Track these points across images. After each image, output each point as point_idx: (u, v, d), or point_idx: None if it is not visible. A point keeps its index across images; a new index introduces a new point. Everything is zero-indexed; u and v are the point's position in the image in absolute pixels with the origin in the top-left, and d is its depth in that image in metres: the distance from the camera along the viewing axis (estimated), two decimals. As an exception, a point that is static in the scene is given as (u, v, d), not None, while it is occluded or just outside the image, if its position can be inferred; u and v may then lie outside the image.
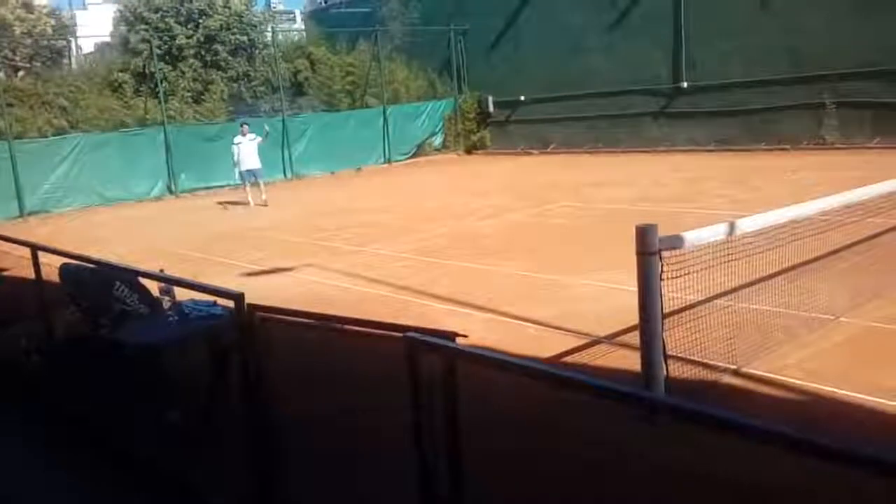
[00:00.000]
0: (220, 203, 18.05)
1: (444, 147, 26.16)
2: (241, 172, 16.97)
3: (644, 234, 4.58)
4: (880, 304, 6.37)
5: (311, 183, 21.74)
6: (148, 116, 21.49)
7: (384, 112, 24.42)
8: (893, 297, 6.53)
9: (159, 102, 21.10)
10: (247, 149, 16.84)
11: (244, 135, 16.99)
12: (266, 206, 16.58)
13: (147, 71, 22.08)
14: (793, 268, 6.65)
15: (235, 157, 16.95)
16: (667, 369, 4.78)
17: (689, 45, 20.36)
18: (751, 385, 5.12)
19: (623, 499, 3.80)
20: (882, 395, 4.73)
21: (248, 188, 17.04)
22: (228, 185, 19.61)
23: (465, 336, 3.07)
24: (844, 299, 6.34)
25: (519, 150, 24.61)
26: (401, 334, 2.83)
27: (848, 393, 4.84)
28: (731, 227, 5.25)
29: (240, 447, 3.73)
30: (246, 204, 16.98)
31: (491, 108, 25.85)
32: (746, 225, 5.38)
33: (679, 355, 5.06)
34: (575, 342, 6.22)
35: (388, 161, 24.33)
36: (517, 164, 22.38)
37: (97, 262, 5.48)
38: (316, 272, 9.83)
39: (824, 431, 4.27)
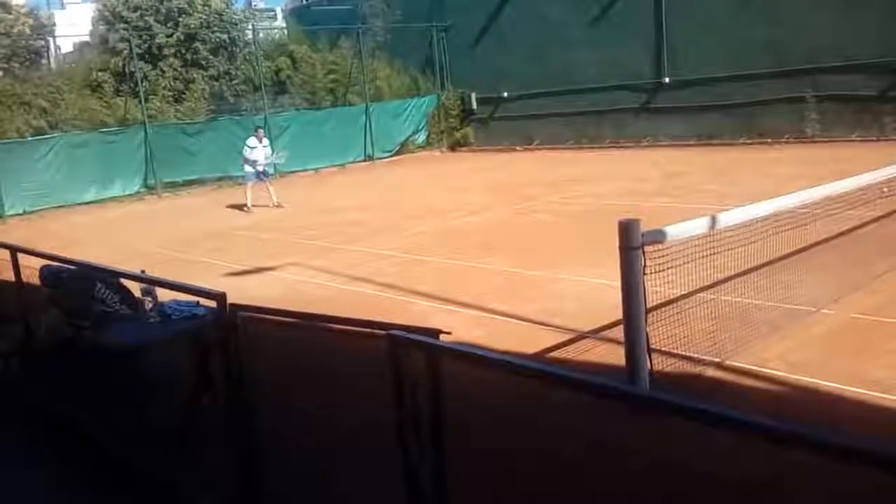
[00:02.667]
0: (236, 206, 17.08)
1: (427, 144, 26.12)
2: (255, 172, 16.29)
3: (627, 230, 4.60)
4: (861, 296, 6.43)
5: (294, 181, 21.62)
6: (128, 116, 21.34)
7: (367, 110, 24.34)
8: (873, 289, 6.60)
9: (140, 102, 20.94)
10: (261, 154, 16.31)
11: (260, 140, 16.50)
12: (280, 207, 15.95)
13: (127, 70, 21.92)
14: (775, 261, 6.69)
15: (249, 158, 16.27)
16: (651, 363, 4.80)
17: (671, 39, 20.44)
18: (734, 378, 5.15)
19: (605, 495, 3.81)
20: (864, 385, 4.78)
21: (249, 189, 16.30)
22: (211, 182, 19.35)
23: (448, 333, 3.07)
24: (826, 291, 6.39)
25: (502, 147, 24.61)
26: (384, 332, 2.83)
27: (830, 384, 4.88)
28: (714, 220, 5.28)
29: (223, 446, 3.71)
30: (246, 206, 16.17)
31: (474, 105, 25.84)
32: (728, 218, 5.42)
33: (663, 349, 5.09)
34: (559, 338, 6.23)
35: (371, 159, 24.27)
36: (501, 160, 22.40)
37: (78, 264, 5.42)
38: (299, 271, 9.79)
39: (806, 423, 4.30)
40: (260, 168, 16.34)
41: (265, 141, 16.75)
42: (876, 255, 7.20)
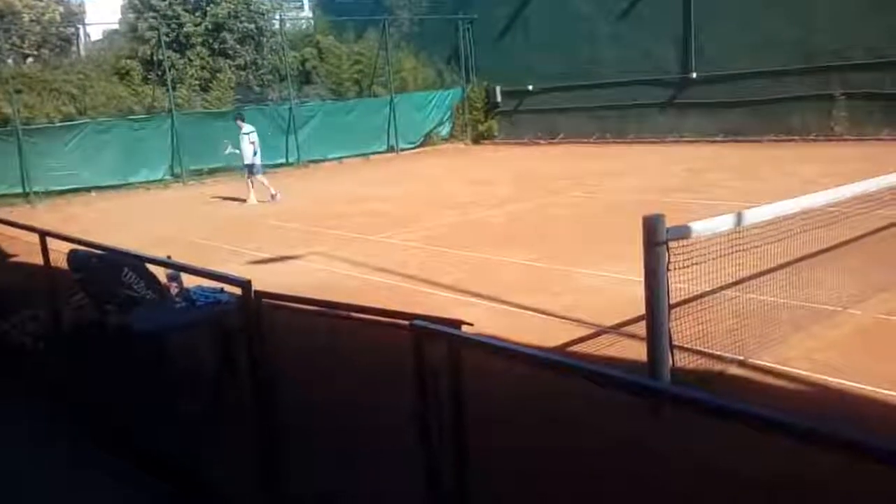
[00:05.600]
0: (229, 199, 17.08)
1: (451, 137, 26.10)
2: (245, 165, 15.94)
3: (652, 225, 4.57)
4: (887, 297, 6.35)
5: (318, 171, 21.75)
6: (156, 104, 21.53)
7: (391, 101, 24.37)
8: (900, 290, 6.50)
9: (167, 90, 21.12)
10: (242, 142, 15.81)
11: (240, 128, 16.01)
12: (273, 200, 15.63)
13: (155, 58, 22.11)
14: (800, 259, 6.62)
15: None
16: (672, 360, 4.78)
17: (698, 35, 20.24)
18: (756, 376, 5.11)
19: (626, 492, 3.80)
20: (888, 386, 4.72)
21: (249, 182, 16.04)
22: (236, 171, 19.42)
23: (470, 324, 3.07)
24: (852, 291, 6.31)
25: (527, 140, 24.55)
26: (407, 322, 2.84)
27: (855, 384, 4.83)
28: (739, 217, 5.23)
29: (246, 433, 3.75)
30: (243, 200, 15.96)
31: (499, 98, 25.77)
32: (754, 215, 5.36)
33: (685, 346, 5.06)
34: (581, 332, 6.22)
35: (395, 150, 24.30)
36: (525, 153, 22.34)
37: (105, 249, 5.49)
38: (322, 260, 9.85)
39: (831, 422, 4.27)
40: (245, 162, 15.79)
41: (245, 126, 16.02)
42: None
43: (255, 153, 15.86)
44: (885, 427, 4.27)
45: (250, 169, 15.99)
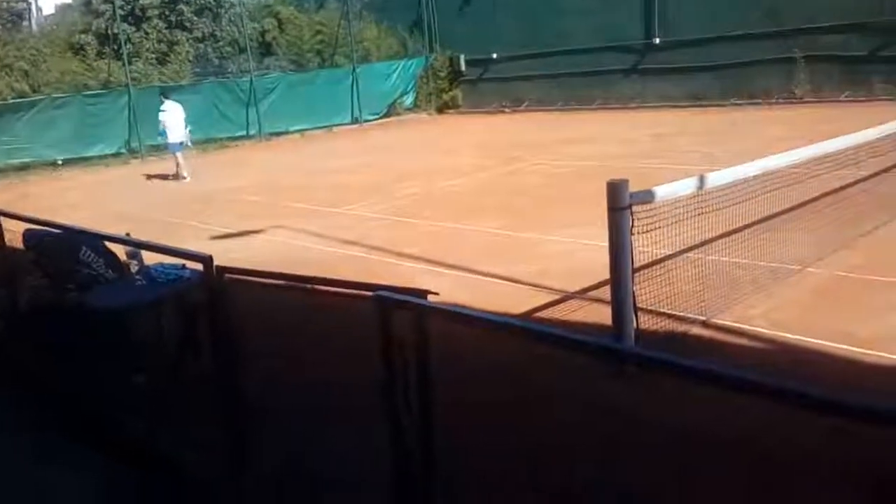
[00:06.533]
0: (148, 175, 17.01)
1: (415, 106, 25.88)
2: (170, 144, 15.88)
3: (615, 190, 4.59)
4: (846, 254, 6.48)
5: (281, 143, 21.47)
6: (112, 78, 21.01)
7: (354, 72, 24.05)
8: (859, 247, 6.64)
9: (123, 64, 20.60)
10: (173, 119, 15.77)
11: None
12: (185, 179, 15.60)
13: (110, 32, 21.52)
14: (762, 220, 6.71)
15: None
16: (637, 322, 4.82)
17: (661, 0, 20.24)
18: (719, 335, 5.20)
19: (595, 454, 3.85)
20: (846, 341, 4.83)
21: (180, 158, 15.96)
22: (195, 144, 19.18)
23: (436, 294, 3.06)
24: (812, 250, 6.42)
25: (492, 109, 24.44)
26: (371, 293, 2.81)
27: (813, 340, 4.94)
28: (702, 180, 5.28)
29: (209, 410, 3.72)
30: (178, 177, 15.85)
31: (463, 67, 25.58)
32: (717, 179, 5.41)
33: (649, 308, 5.11)
34: (547, 298, 6.26)
35: (359, 121, 24.05)
36: (490, 122, 22.26)
37: (61, 227, 5.37)
38: (287, 233, 9.76)
39: (788, 379, 4.35)
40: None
41: (171, 103, 16.06)
42: (862, 215, 7.23)
43: (161, 133, 15.97)
44: (835, 379, 4.38)
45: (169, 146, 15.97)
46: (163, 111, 15.93)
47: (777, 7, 18.18)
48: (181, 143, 15.85)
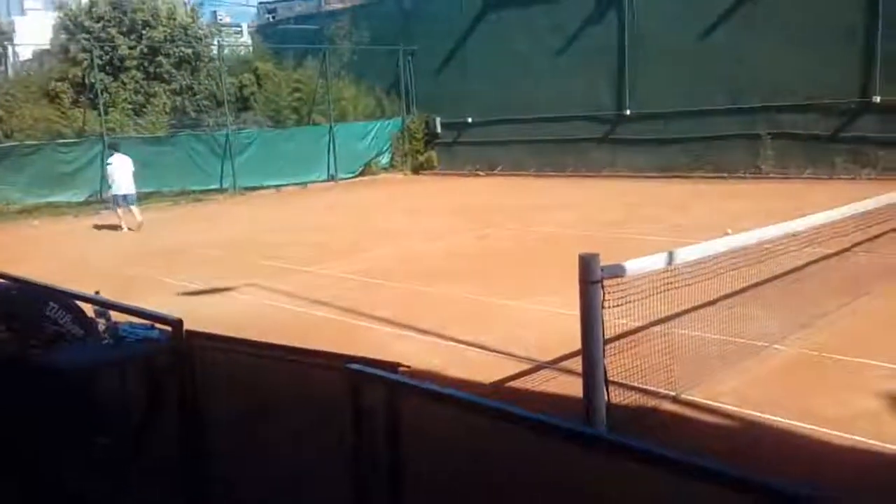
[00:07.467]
0: (97, 226, 17.09)
1: (390, 166, 26.14)
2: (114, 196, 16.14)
3: (587, 264, 4.65)
4: (811, 332, 6.58)
5: (256, 199, 21.46)
6: (87, 128, 20.97)
7: (331, 130, 24.30)
8: (822, 325, 6.76)
9: (99, 114, 20.60)
10: (120, 172, 15.97)
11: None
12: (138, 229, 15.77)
13: (87, 81, 21.58)
14: (730, 296, 6.82)
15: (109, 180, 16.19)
16: (608, 396, 4.84)
17: (633, 73, 20.89)
18: (688, 412, 5.22)
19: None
20: (812, 421, 4.89)
21: (120, 212, 16.12)
22: (169, 196, 19.18)
23: (407, 366, 3.06)
24: (778, 327, 6.53)
25: (466, 172, 24.77)
26: (343, 363, 2.81)
27: (780, 419, 4.98)
28: (671, 256, 5.37)
29: (173, 476, 3.63)
30: (118, 228, 16.06)
31: (438, 129, 26.01)
32: (686, 254, 5.51)
33: (620, 381, 5.13)
34: (519, 367, 6.26)
35: (335, 179, 24.19)
36: (464, 185, 22.52)
37: (28, 282, 5.29)
38: (258, 292, 9.67)
39: (757, 458, 4.38)
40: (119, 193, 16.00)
41: (120, 157, 16.32)
42: (827, 293, 7.38)
43: (109, 185, 16.41)
44: (803, 461, 4.41)
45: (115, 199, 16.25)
46: (108, 164, 16.38)
47: (740, 87, 18.87)
48: (125, 196, 16.09)
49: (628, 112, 21.19)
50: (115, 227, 16.14)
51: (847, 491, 3.93)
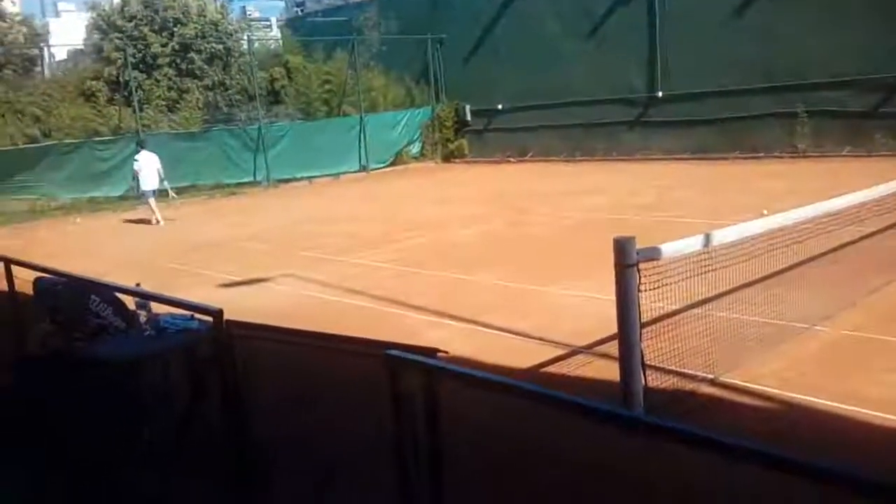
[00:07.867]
0: (134, 220, 17.56)
1: (421, 155, 26.18)
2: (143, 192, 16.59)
3: (622, 247, 4.62)
4: (853, 313, 6.47)
5: (289, 191, 21.66)
6: (122, 125, 21.32)
7: (361, 120, 24.39)
8: (864, 305, 6.64)
9: (133, 111, 20.92)
10: (147, 169, 16.49)
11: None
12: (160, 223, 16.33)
13: (121, 79, 21.92)
14: (768, 277, 6.71)
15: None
16: (645, 380, 4.81)
17: (664, 54, 20.58)
18: (727, 394, 5.17)
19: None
20: (854, 403, 4.81)
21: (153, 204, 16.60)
22: (204, 190, 19.44)
23: (445, 352, 3.08)
24: (818, 308, 6.42)
25: (497, 159, 24.69)
26: (381, 350, 2.83)
27: (822, 401, 4.90)
28: (708, 238, 5.31)
29: (216, 464, 3.70)
30: (155, 221, 16.54)
31: (468, 117, 25.93)
32: (722, 236, 5.44)
33: (657, 365, 5.10)
34: (554, 352, 6.24)
35: (366, 169, 24.30)
36: (495, 172, 22.46)
37: (72, 277, 5.41)
38: (294, 282, 9.78)
39: (798, 441, 4.32)
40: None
41: (146, 154, 16.73)
42: (868, 272, 7.24)
43: (133, 180, 16.93)
44: (846, 444, 4.34)
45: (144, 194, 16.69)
46: (136, 160, 16.74)
47: (775, 64, 18.45)
48: (153, 191, 16.50)
49: (660, 94, 20.90)
50: (152, 222, 16.49)
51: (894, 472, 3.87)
